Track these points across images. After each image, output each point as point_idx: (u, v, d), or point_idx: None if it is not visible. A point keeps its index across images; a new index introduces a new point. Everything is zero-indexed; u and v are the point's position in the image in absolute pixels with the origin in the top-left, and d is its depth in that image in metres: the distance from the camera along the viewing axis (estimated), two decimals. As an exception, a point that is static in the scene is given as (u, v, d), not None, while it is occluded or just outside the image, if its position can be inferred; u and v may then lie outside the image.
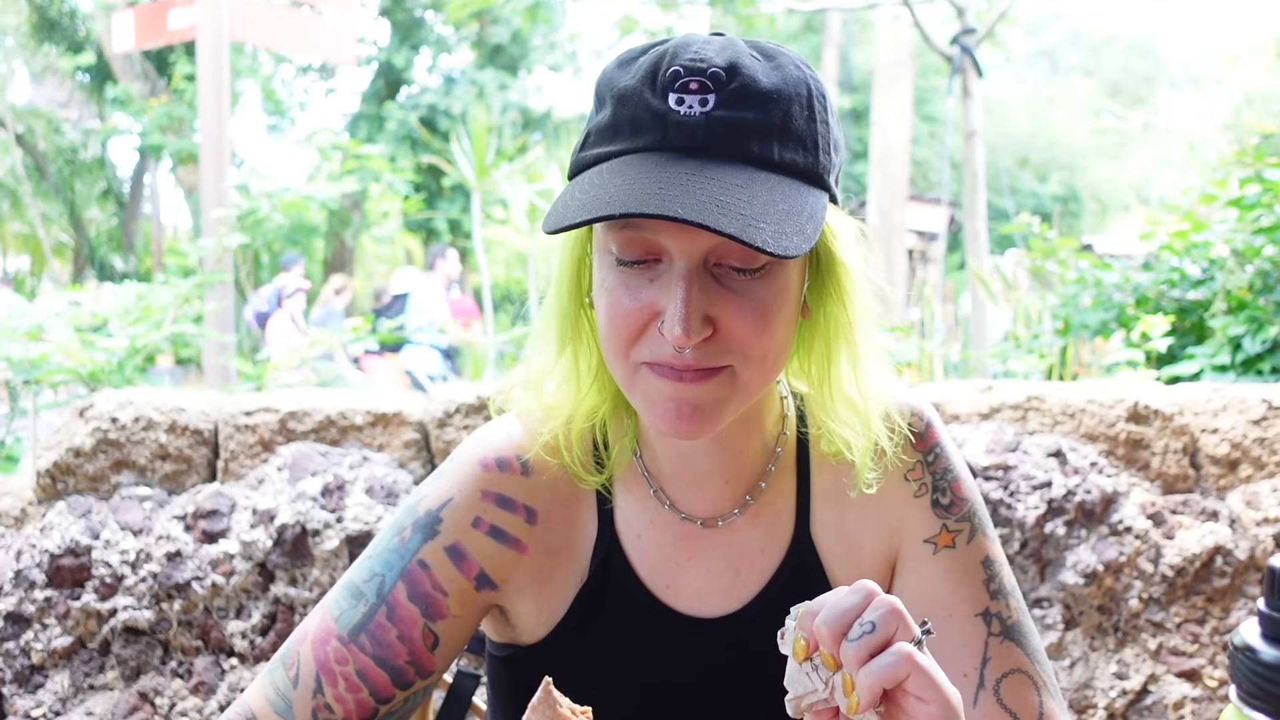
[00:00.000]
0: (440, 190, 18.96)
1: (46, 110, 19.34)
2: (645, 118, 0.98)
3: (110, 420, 2.37)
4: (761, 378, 1.05)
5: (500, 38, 19.84)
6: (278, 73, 21.09)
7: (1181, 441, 2.49)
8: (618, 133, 1.00)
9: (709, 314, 0.98)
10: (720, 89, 0.96)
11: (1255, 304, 3.53)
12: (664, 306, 0.99)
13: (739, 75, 0.97)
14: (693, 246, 0.98)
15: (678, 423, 1.03)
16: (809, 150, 1.01)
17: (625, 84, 1.00)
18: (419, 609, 1.14)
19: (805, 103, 1.01)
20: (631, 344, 1.02)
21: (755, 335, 1.00)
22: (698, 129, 0.96)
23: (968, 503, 1.23)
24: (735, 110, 0.97)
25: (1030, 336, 4.66)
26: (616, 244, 1.01)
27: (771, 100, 0.98)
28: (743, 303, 0.99)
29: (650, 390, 1.03)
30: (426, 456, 2.46)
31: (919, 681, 0.81)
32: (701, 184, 0.93)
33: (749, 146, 0.97)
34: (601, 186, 0.96)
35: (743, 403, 1.06)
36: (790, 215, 0.94)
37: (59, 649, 2.27)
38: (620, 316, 1.02)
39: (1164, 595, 2.40)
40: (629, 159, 0.98)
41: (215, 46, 6.19)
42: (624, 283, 1.01)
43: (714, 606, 1.20)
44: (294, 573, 2.32)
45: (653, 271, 1.01)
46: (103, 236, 19.98)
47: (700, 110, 0.96)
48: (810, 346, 1.12)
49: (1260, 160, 3.70)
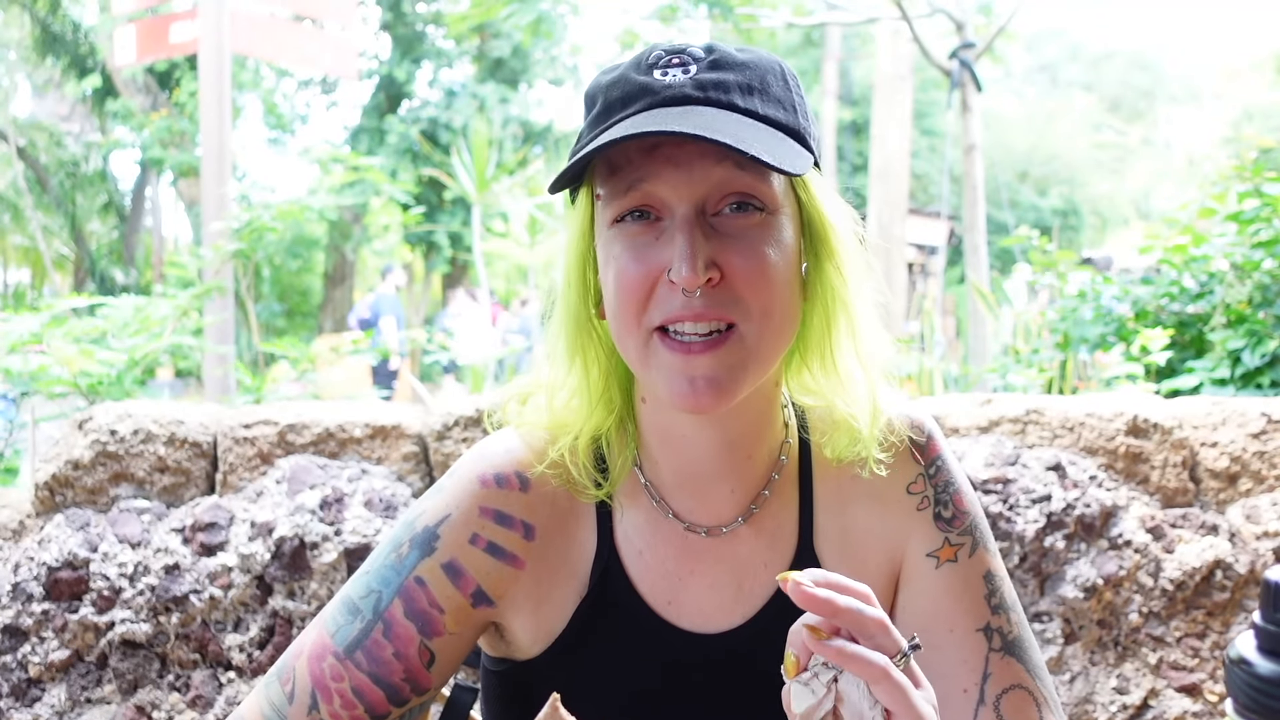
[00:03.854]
0: (441, 203, 19.01)
1: (48, 123, 19.40)
2: (634, 91, 1.05)
3: (109, 433, 2.36)
4: (771, 338, 1.06)
5: (501, 52, 19.92)
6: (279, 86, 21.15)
7: (1181, 455, 2.48)
8: (609, 111, 1.06)
9: (712, 258, 1.02)
10: (699, 62, 1.06)
11: (1254, 318, 3.53)
12: (669, 257, 1.02)
13: (715, 51, 1.07)
14: (690, 190, 1.03)
15: (695, 398, 1.04)
16: (789, 111, 1.08)
17: (611, 78, 1.08)
18: (415, 626, 1.14)
19: (780, 75, 1.09)
20: (643, 308, 1.04)
21: (758, 281, 1.03)
22: (685, 86, 1.04)
23: (969, 516, 1.23)
24: (717, 73, 1.05)
25: (1030, 350, 4.66)
26: (617, 204, 1.05)
27: (749, 68, 1.07)
28: (743, 247, 1.03)
29: (664, 366, 1.05)
30: (425, 469, 2.45)
31: (889, 693, 0.84)
32: (695, 115, 1.00)
33: (734, 99, 1.04)
34: (598, 137, 1.02)
35: (756, 371, 1.07)
36: (782, 145, 1.02)
37: (56, 662, 2.26)
38: (628, 281, 1.05)
39: (1164, 609, 2.39)
40: (622, 122, 1.04)
41: (217, 60, 6.20)
42: (628, 246, 1.05)
43: (716, 622, 1.19)
44: (292, 585, 2.31)
45: (654, 230, 1.05)
46: (104, 249, 20.00)
47: (685, 76, 1.05)
48: (810, 322, 1.14)
49: (1259, 175, 3.70)
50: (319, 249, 19.78)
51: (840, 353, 1.14)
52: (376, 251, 21.92)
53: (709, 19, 9.80)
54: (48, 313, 3.35)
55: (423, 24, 20.69)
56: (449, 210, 19.01)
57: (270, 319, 17.63)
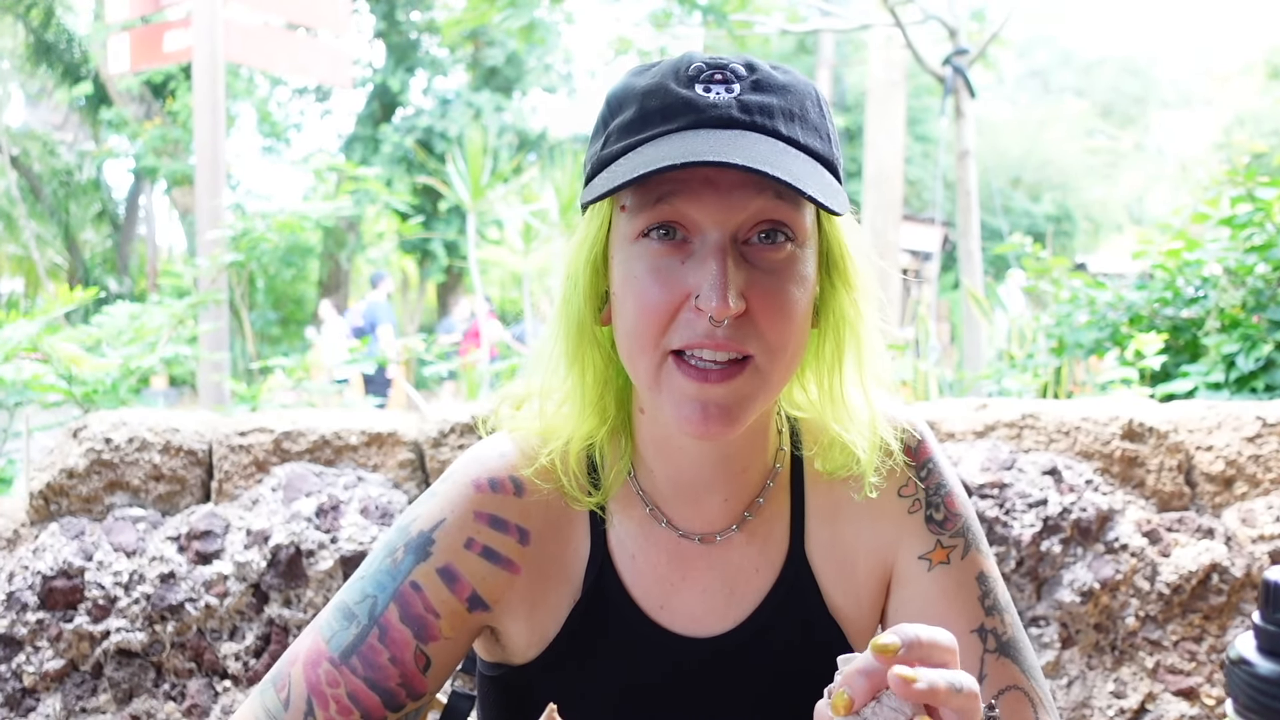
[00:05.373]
0: (436, 212, 19.02)
1: (42, 133, 19.39)
2: (676, 104, 1.02)
3: (104, 441, 2.36)
4: (782, 371, 1.06)
5: (495, 60, 19.95)
6: (273, 95, 21.16)
7: (1176, 459, 2.49)
8: (647, 122, 1.03)
9: (742, 289, 1.00)
10: (741, 80, 1.03)
11: (1248, 322, 3.54)
12: (697, 284, 1.00)
13: (757, 70, 1.04)
14: (727, 215, 1.01)
15: (705, 425, 1.03)
16: (824, 140, 1.06)
17: (648, 83, 1.05)
18: (411, 631, 1.14)
19: (816, 100, 1.08)
20: (662, 332, 1.03)
21: (780, 319, 1.03)
22: (730, 108, 1.01)
23: (961, 518, 1.23)
24: (761, 95, 1.03)
25: (1025, 356, 4.67)
26: (645, 216, 1.03)
27: (789, 91, 1.05)
28: (770, 281, 1.02)
29: (677, 390, 1.04)
30: (421, 476, 2.45)
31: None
32: (747, 146, 0.98)
33: (778, 126, 1.02)
34: (644, 155, 0.99)
35: (766, 400, 1.07)
36: (827, 185, 1.01)
37: (51, 672, 2.25)
38: (651, 304, 1.02)
39: (1161, 613, 2.40)
40: (667, 136, 1.01)
41: (211, 69, 6.20)
42: (654, 267, 1.03)
43: (709, 626, 1.19)
44: (288, 594, 2.31)
45: (682, 251, 1.02)
46: (97, 258, 19.98)
47: (729, 95, 1.02)
48: (822, 349, 1.14)
49: (1251, 179, 3.72)
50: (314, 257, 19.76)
51: (846, 381, 1.14)
52: (370, 260, 21.92)
53: (703, 25, 9.82)
54: (43, 318, 3.34)
55: (417, 32, 20.72)
56: (444, 219, 19.02)
57: (265, 327, 17.62)
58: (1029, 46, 33.30)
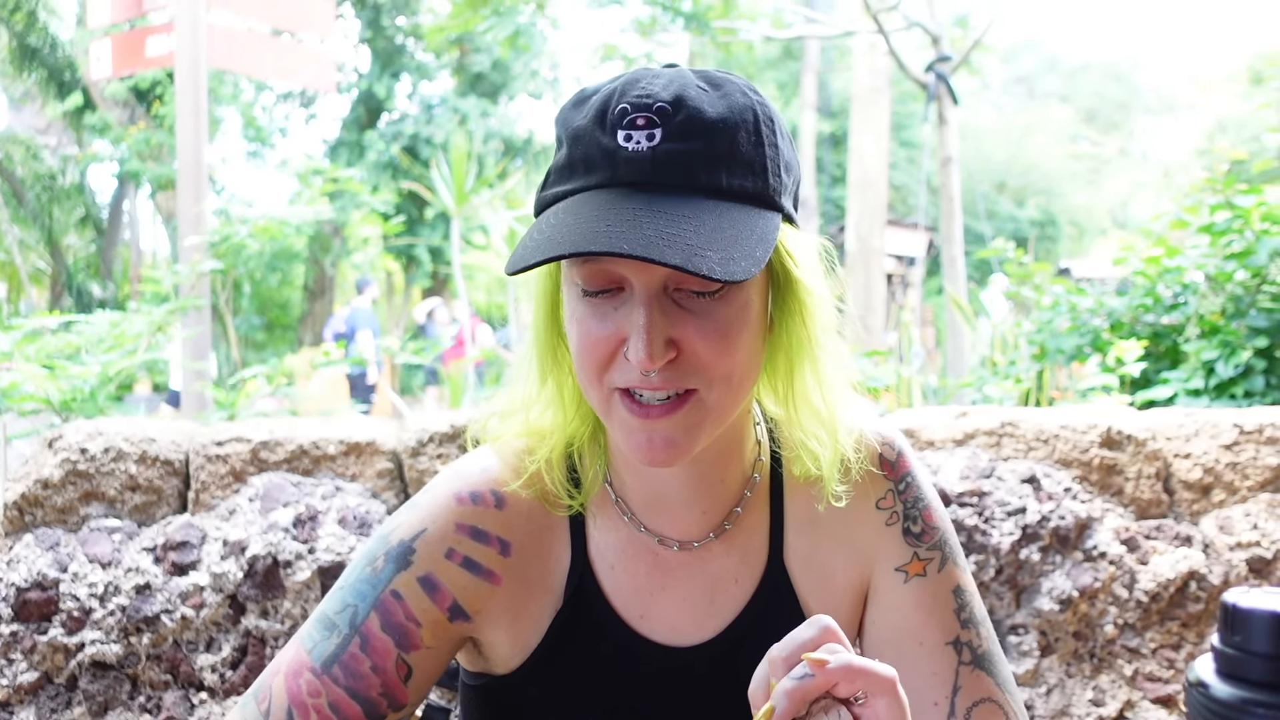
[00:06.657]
0: (422, 218, 18.99)
1: (25, 136, 19.27)
2: (596, 155, 1.01)
3: (79, 451, 2.34)
4: (730, 398, 1.06)
5: (481, 65, 19.95)
6: (258, 100, 21.10)
7: (1154, 467, 2.50)
8: (573, 171, 1.04)
9: (671, 336, 1.01)
10: (666, 122, 1.00)
11: (1228, 328, 3.56)
12: (629, 333, 1.01)
13: (684, 108, 1.00)
14: (650, 276, 1.01)
15: (651, 454, 1.05)
16: (758, 174, 1.03)
17: (578, 124, 1.04)
18: (392, 639, 1.14)
19: (752, 128, 1.03)
20: (603, 371, 1.05)
21: (718, 355, 1.03)
22: (645, 164, 0.99)
23: (939, 531, 1.24)
24: (681, 143, 1.00)
25: (1008, 362, 4.68)
26: (580, 277, 1.04)
27: (717, 130, 1.01)
28: (704, 324, 1.02)
29: (624, 423, 1.06)
30: (400, 486, 2.44)
31: (892, 707, 0.88)
32: (648, 218, 0.96)
33: (696, 177, 1.00)
34: (555, 227, 0.99)
35: (715, 426, 1.07)
36: (739, 240, 0.97)
37: (25, 685, 2.24)
38: (590, 345, 1.04)
39: (1139, 621, 2.40)
40: (582, 197, 1.01)
41: (193, 74, 6.17)
42: (591, 313, 1.04)
43: (688, 635, 1.20)
44: (265, 605, 2.29)
45: (617, 299, 1.03)
46: (81, 263, 19.86)
47: (647, 145, 1.00)
48: (775, 363, 1.13)
49: (1230, 187, 3.74)
50: (299, 262, 19.71)
51: (807, 388, 1.14)
52: (356, 265, 21.88)
53: (686, 32, 9.83)
54: (19, 331, 3.31)
55: (402, 37, 20.69)
56: (430, 225, 18.99)
57: (250, 332, 17.56)
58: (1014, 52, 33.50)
